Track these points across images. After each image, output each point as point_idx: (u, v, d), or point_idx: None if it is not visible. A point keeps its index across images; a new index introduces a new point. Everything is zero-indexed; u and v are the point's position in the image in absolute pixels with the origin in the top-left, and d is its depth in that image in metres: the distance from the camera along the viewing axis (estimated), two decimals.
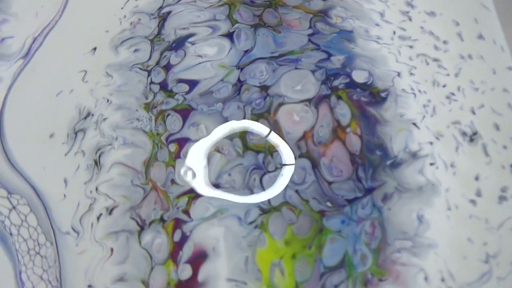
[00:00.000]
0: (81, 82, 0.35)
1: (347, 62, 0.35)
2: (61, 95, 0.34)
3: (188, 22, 0.37)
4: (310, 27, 0.37)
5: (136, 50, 0.36)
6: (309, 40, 0.36)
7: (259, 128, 0.32)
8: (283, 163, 0.30)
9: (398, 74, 0.35)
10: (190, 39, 0.36)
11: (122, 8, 0.38)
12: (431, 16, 0.37)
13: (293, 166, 0.30)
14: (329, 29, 0.37)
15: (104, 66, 0.35)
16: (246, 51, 0.36)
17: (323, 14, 0.37)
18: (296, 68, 0.35)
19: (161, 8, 0.38)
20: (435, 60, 0.35)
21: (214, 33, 0.37)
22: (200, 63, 0.35)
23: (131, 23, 0.37)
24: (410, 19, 0.37)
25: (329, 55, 0.35)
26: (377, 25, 0.37)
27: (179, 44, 0.36)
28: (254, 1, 0.38)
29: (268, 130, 0.31)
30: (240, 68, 0.35)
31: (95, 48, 0.36)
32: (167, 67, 0.35)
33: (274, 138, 0.31)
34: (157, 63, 0.35)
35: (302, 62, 0.35)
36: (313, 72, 0.35)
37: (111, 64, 0.35)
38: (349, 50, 0.36)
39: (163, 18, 0.37)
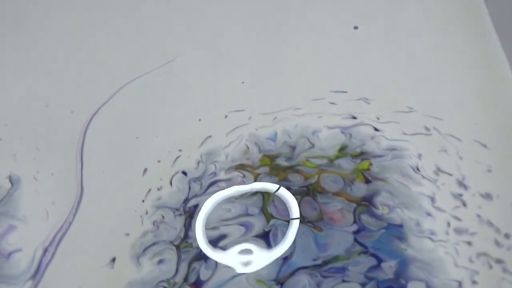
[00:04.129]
0: None
1: (399, 269, 0.31)
2: None
3: (217, 219, 0.33)
4: (354, 222, 0.33)
5: (160, 261, 0.32)
6: (355, 240, 0.32)
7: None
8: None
9: (459, 284, 0.31)
10: (221, 243, 0.32)
11: (143, 201, 0.34)
12: (486, 199, 0.33)
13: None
14: (376, 224, 0.33)
15: (124, 284, 0.31)
16: (285, 258, 0.32)
17: (367, 203, 0.33)
18: (343, 281, 0.31)
19: (186, 200, 0.34)
20: (498, 261, 0.31)
21: (248, 233, 0.33)
22: (234, 276, 0.31)
23: (153, 223, 0.33)
24: (464, 204, 0.33)
25: (379, 260, 0.31)
26: (429, 214, 0.33)
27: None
28: (291, 187, 0.34)
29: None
30: (280, 283, 0.31)
31: (114, 259, 0.32)
32: (196, 284, 0.31)
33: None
34: (185, 279, 0.31)
35: (350, 272, 0.31)
36: (362, 285, 0.31)
37: (132, 281, 0.31)
38: (401, 253, 0.31)
39: (189, 214, 0.33)
